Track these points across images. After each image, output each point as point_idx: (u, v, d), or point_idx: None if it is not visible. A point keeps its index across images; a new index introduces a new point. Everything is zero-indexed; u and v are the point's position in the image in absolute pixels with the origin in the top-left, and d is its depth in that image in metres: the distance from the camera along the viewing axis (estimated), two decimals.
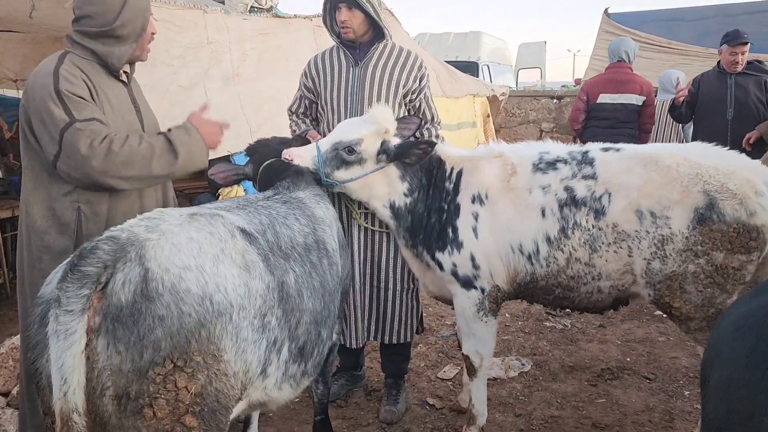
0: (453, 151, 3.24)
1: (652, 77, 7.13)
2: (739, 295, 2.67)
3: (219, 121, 2.67)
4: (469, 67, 12.81)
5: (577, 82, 14.65)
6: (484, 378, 3.18)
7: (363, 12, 3.24)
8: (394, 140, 3.05)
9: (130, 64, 2.69)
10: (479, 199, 2.98)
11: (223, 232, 1.96)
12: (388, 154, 3.01)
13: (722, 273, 2.65)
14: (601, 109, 5.79)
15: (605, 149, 2.95)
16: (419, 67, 3.42)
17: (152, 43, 2.70)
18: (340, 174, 2.99)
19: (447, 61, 10.23)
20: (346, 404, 3.72)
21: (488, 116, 10.10)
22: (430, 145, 3.02)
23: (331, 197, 3.13)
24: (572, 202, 2.82)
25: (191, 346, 1.70)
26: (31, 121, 2.40)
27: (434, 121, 3.54)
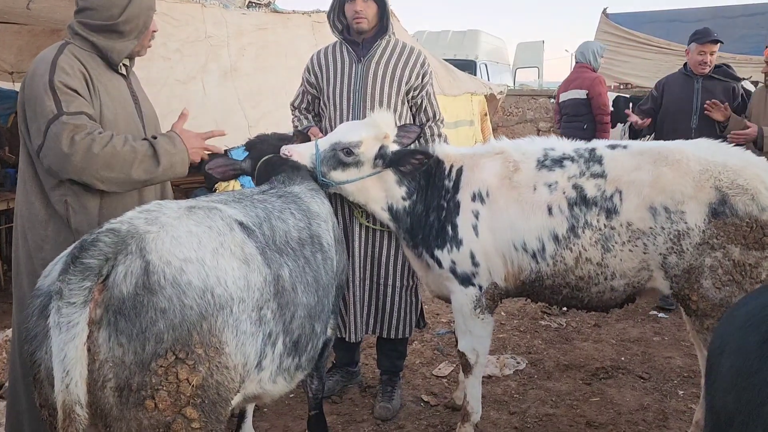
0: (452, 150, 3.23)
1: (650, 78, 7.19)
2: None
3: (204, 133, 2.64)
4: (467, 66, 12.82)
5: None
6: (479, 375, 3.19)
7: (376, 3, 3.29)
8: (393, 146, 3.06)
9: (130, 59, 2.69)
10: (480, 197, 2.98)
11: (222, 225, 1.96)
12: (385, 159, 3.02)
13: (740, 270, 2.65)
14: (561, 107, 6.42)
15: (612, 146, 2.95)
16: (422, 64, 3.43)
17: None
18: (337, 174, 2.99)
19: (445, 60, 10.22)
20: (341, 400, 3.73)
21: (486, 115, 10.10)
22: (427, 156, 3.02)
23: (332, 195, 3.13)
24: (582, 201, 2.81)
25: (193, 339, 1.71)
26: (26, 110, 2.40)
27: (436, 118, 3.54)
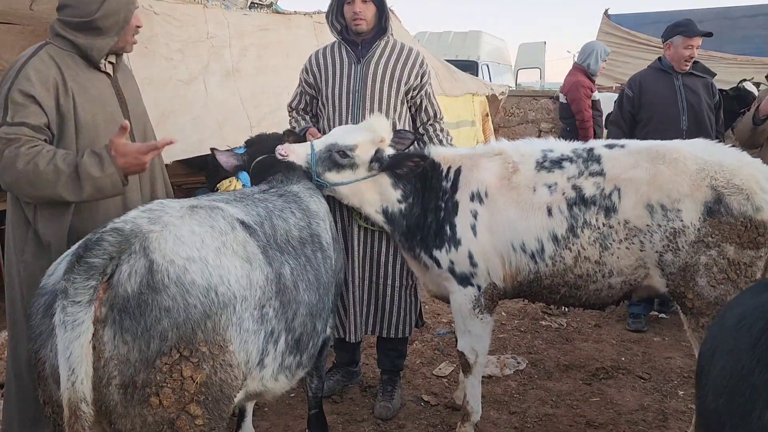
0: (448, 151, 3.25)
1: None
2: None
3: (145, 145, 2.41)
4: (469, 67, 12.80)
5: None
6: (479, 375, 3.20)
7: (375, 4, 3.30)
8: (389, 150, 3.07)
9: (117, 55, 2.64)
10: (479, 197, 2.99)
11: (224, 224, 1.99)
12: (381, 163, 3.03)
13: (735, 268, 2.69)
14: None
15: (609, 146, 2.98)
16: (421, 64, 3.44)
17: (152, 37, 2.68)
18: (332, 176, 3.00)
19: (446, 60, 10.22)
20: (341, 400, 3.74)
21: (487, 115, 10.10)
22: (423, 159, 3.03)
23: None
24: (581, 201, 2.84)
25: (197, 337, 1.73)
26: None
27: (438, 117, 3.56)
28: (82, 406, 1.58)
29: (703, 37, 4.63)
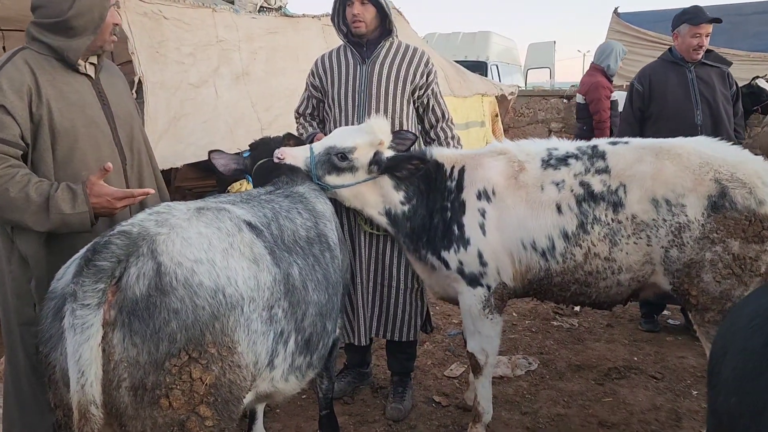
0: (449, 152, 3.26)
1: None
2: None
3: (122, 192, 2.37)
4: (478, 67, 12.81)
5: None
6: (489, 376, 3.19)
7: (375, 6, 3.31)
8: (388, 152, 3.07)
9: (98, 56, 2.55)
10: (486, 196, 2.99)
11: (231, 225, 2.00)
12: (380, 165, 3.02)
13: (739, 263, 2.69)
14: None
15: (613, 143, 3.00)
16: (426, 63, 3.45)
17: (163, 42, 2.64)
18: (331, 179, 3.00)
19: (456, 61, 10.22)
20: (352, 401, 3.74)
21: (497, 116, 10.09)
22: (423, 161, 3.02)
23: None
24: (590, 197, 2.85)
25: (206, 338, 1.74)
26: None
27: (446, 119, 3.56)
28: (91, 408, 1.59)
29: (711, 24, 4.37)
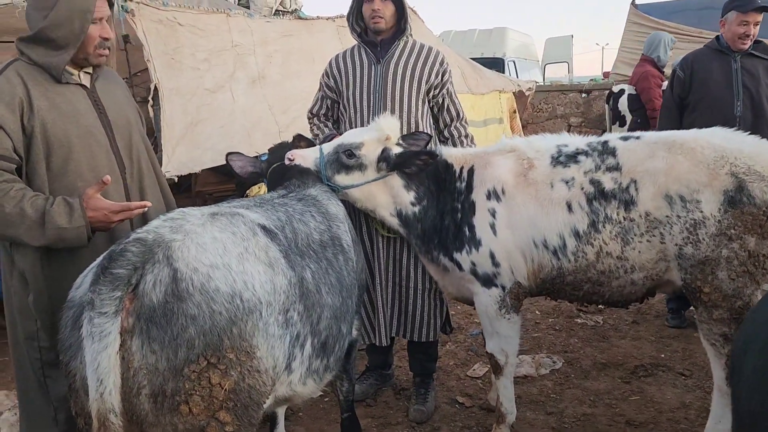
0: (458, 151, 3.24)
1: None
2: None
3: (119, 205, 2.32)
4: (495, 64, 12.74)
5: (606, 76, 14.45)
6: (510, 376, 3.15)
7: (394, 4, 3.31)
8: (396, 149, 3.04)
9: (94, 67, 2.49)
10: (495, 195, 2.95)
11: (245, 230, 1.99)
12: (389, 162, 3.00)
13: (754, 261, 2.61)
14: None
15: (624, 138, 2.93)
16: (441, 62, 3.42)
17: (178, 48, 2.60)
18: (341, 178, 2.98)
19: (472, 59, 10.17)
20: (375, 403, 3.73)
21: (515, 112, 10.01)
22: (432, 156, 2.99)
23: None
24: (601, 195, 2.79)
25: (224, 344, 1.74)
26: None
27: (461, 118, 3.53)
28: (110, 416, 1.59)
29: (761, 12, 4.09)
